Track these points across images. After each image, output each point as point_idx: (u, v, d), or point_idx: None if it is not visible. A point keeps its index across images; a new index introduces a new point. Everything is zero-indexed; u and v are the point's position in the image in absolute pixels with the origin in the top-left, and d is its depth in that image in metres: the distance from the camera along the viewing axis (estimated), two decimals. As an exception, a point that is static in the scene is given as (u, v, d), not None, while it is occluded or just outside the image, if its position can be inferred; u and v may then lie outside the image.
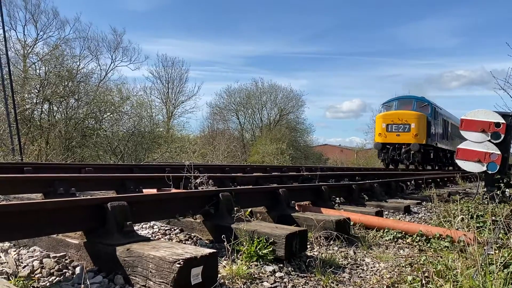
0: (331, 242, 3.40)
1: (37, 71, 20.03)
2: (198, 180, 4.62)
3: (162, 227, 3.44)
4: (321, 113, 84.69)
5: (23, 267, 2.26)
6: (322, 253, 3.10)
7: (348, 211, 4.60)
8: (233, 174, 7.59)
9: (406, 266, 2.96)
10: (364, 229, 4.15)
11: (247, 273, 2.41)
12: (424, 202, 6.69)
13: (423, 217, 5.42)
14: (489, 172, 6.40)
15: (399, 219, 5.03)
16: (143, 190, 5.22)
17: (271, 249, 2.69)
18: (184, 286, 1.95)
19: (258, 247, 2.67)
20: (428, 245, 3.62)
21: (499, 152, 6.31)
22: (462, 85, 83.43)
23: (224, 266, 2.48)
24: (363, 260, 3.12)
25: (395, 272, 2.85)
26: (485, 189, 6.44)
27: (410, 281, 2.50)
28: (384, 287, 2.54)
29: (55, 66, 18.45)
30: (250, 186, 6.11)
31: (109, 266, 2.21)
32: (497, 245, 2.89)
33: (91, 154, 18.43)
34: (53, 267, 2.27)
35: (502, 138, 6.31)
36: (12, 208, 2.12)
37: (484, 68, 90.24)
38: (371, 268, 2.96)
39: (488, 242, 2.91)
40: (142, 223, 3.46)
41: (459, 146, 6.73)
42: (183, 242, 3.16)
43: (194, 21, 65.42)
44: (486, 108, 6.59)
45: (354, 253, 3.27)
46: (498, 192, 5.27)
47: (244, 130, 39.35)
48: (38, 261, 2.32)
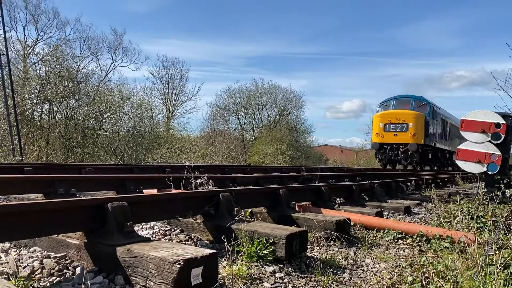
0: (331, 243, 3.40)
1: (38, 71, 20.06)
2: (198, 181, 4.62)
3: (162, 228, 3.44)
4: (321, 114, 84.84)
5: (24, 268, 2.26)
6: (322, 254, 3.10)
7: (348, 212, 4.60)
8: (233, 175, 7.58)
9: (407, 267, 2.96)
10: (365, 230, 4.15)
11: (247, 274, 2.41)
12: (424, 202, 6.68)
13: (423, 218, 5.42)
14: (489, 172, 6.40)
15: (400, 220, 5.03)
16: (144, 190, 5.22)
17: (271, 249, 2.69)
18: (184, 287, 1.96)
19: (258, 248, 2.67)
20: (429, 245, 3.62)
21: (499, 153, 6.32)
22: (462, 86, 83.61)
23: (225, 267, 2.48)
24: (363, 261, 3.12)
25: (395, 272, 2.85)
26: (485, 190, 6.44)
27: (411, 282, 2.50)
28: (384, 288, 2.54)
29: (56, 67, 18.46)
30: (250, 187, 6.11)
31: (109, 267, 2.21)
32: (497, 246, 2.89)
33: (91, 155, 18.44)
34: (54, 268, 2.27)
35: (502, 138, 6.31)
36: (13, 208, 2.12)
37: (484, 69, 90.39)
38: (371, 268, 2.96)
39: (489, 242, 2.91)
40: (143, 224, 3.46)
41: (459, 147, 6.73)
42: (184, 242, 3.16)
43: (194, 21, 65.52)
44: (486, 108, 6.60)
45: (354, 253, 3.27)
46: (498, 192, 5.27)
47: (244, 130, 39.39)
48: (38, 262, 2.32)
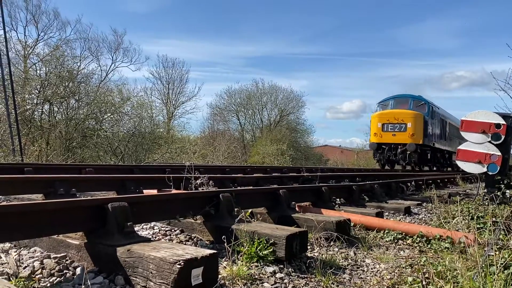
0: (332, 243, 3.40)
1: (38, 71, 20.08)
2: (198, 181, 4.62)
3: (162, 228, 3.44)
4: (321, 114, 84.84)
5: (24, 268, 2.26)
6: (322, 254, 3.10)
7: (348, 212, 4.60)
8: (233, 175, 7.58)
9: (407, 267, 2.96)
10: (365, 230, 4.15)
11: (248, 274, 2.41)
12: (425, 203, 6.68)
13: (423, 218, 5.41)
14: (490, 173, 6.40)
15: (400, 220, 5.03)
16: (144, 191, 5.22)
17: (271, 250, 2.69)
18: (184, 287, 1.96)
19: (258, 248, 2.67)
20: (429, 246, 3.62)
21: (499, 153, 6.32)
22: (462, 86, 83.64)
23: (225, 267, 2.48)
24: (364, 261, 3.12)
25: (396, 273, 2.85)
26: (485, 190, 6.44)
27: (411, 282, 2.50)
28: (385, 288, 2.54)
29: (56, 67, 18.48)
30: (251, 187, 6.11)
31: (109, 267, 2.21)
32: (498, 246, 2.89)
33: (92, 155, 18.45)
34: (54, 268, 2.27)
35: (502, 139, 6.31)
36: (13, 208, 2.12)
37: (485, 69, 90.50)
38: (371, 269, 2.96)
39: (489, 243, 2.91)
40: (143, 224, 3.46)
41: (459, 147, 6.73)
42: (184, 243, 3.16)
43: (195, 21, 65.57)
44: (486, 109, 6.61)
45: (355, 254, 3.27)
46: (498, 193, 5.27)
47: (245, 130, 39.40)
48: (38, 262, 2.32)
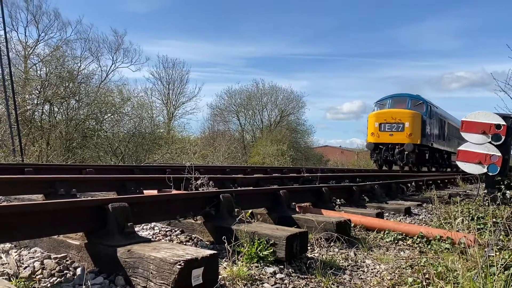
0: (332, 244, 3.40)
1: (38, 72, 20.11)
2: (198, 181, 4.61)
3: (162, 228, 3.44)
4: (321, 115, 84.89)
5: (24, 268, 2.26)
6: (322, 255, 3.10)
7: (348, 213, 4.60)
8: (233, 175, 7.57)
9: (407, 268, 2.96)
10: (365, 231, 4.15)
11: (248, 275, 2.41)
12: (425, 203, 6.68)
13: (423, 219, 5.41)
14: (490, 174, 6.40)
15: (400, 221, 5.03)
16: (144, 191, 5.22)
17: (271, 250, 2.69)
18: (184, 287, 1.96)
19: (258, 249, 2.67)
20: (429, 246, 3.62)
21: (499, 154, 6.32)
22: (462, 87, 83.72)
23: (225, 268, 2.48)
24: (364, 262, 3.12)
25: (396, 273, 2.85)
26: (485, 191, 6.43)
27: (411, 283, 2.50)
28: (385, 289, 2.54)
29: (56, 67, 18.51)
30: (251, 188, 6.10)
31: (110, 267, 2.21)
32: (498, 247, 2.89)
33: (92, 155, 18.46)
34: (54, 268, 2.27)
35: (502, 140, 6.32)
36: (13, 209, 2.12)
37: (485, 70, 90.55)
38: (371, 269, 2.96)
39: (489, 244, 2.91)
40: (143, 224, 3.46)
41: (459, 148, 6.74)
42: (184, 243, 3.16)
43: (195, 22, 65.64)
44: (486, 109, 6.61)
45: (355, 254, 3.27)
46: (498, 194, 5.27)
47: (245, 131, 39.40)
48: (39, 262, 2.32)
